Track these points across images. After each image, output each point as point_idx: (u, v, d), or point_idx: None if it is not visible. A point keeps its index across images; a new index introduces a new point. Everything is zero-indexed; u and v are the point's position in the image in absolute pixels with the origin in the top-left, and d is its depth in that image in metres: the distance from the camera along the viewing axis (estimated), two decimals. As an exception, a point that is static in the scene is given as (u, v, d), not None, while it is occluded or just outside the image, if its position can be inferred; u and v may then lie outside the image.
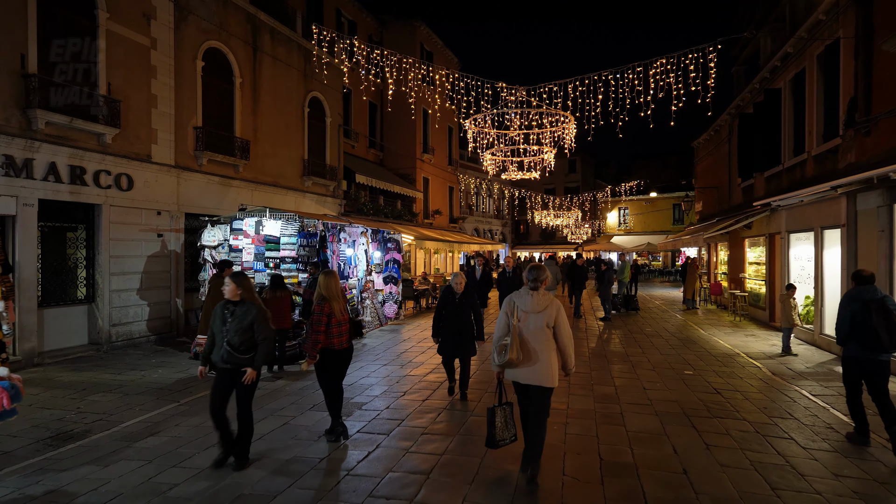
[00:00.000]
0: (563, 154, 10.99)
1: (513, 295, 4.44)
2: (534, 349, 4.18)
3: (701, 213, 22.52)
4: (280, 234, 10.03)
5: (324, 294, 5.25)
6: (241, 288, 4.68)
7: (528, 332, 4.22)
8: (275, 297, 8.55)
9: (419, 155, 25.76)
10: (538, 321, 4.23)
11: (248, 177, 14.08)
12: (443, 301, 6.69)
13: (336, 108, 18.28)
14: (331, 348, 5.20)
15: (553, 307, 4.27)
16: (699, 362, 9.06)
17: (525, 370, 4.20)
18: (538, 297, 4.28)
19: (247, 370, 4.59)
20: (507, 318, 4.30)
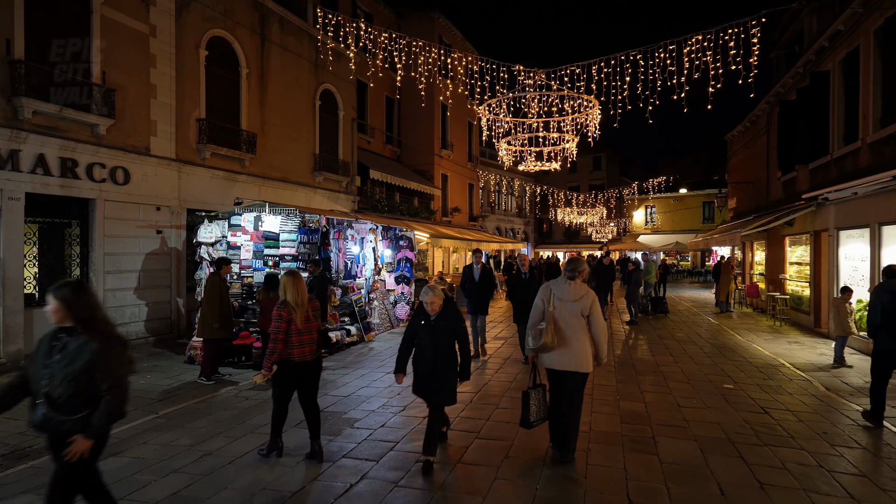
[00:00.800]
0: (586, 143, 10.07)
1: (550, 283, 4.66)
2: (568, 336, 4.39)
3: (735, 211, 21.24)
4: (279, 230, 9.38)
5: (285, 298, 4.56)
6: (73, 307, 2.85)
7: (562, 320, 4.43)
8: (268, 299, 7.88)
9: (437, 151, 25.00)
10: (573, 309, 4.43)
11: (255, 171, 13.51)
12: (412, 327, 4.60)
13: (349, 101, 17.64)
14: (289, 360, 4.53)
15: (588, 297, 4.48)
16: (739, 374, 8.08)
17: (560, 356, 4.41)
18: (575, 287, 4.50)
19: (75, 439, 2.78)
20: (544, 304, 4.53)
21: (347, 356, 9.61)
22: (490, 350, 9.74)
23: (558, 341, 4.38)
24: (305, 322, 4.60)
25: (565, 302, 4.46)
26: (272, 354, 4.45)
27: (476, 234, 24.82)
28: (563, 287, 4.52)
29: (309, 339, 4.62)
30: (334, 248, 10.52)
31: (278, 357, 4.49)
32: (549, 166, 10.85)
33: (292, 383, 4.65)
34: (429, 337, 4.46)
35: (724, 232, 17.89)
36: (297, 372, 4.58)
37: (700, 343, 10.77)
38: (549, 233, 50.70)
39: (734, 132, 20.53)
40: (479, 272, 9.17)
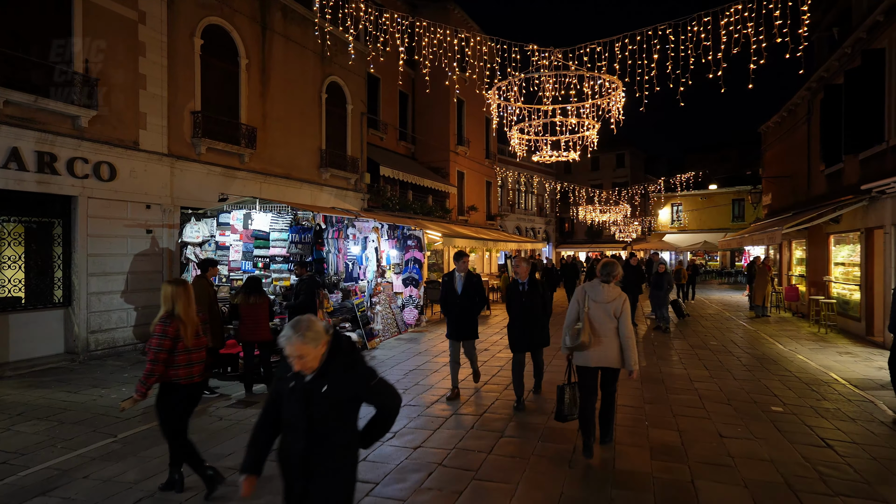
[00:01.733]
0: (609, 134, 9.07)
1: (585, 285, 4.84)
2: (602, 335, 4.61)
3: (770, 207, 19.86)
4: (269, 228, 8.61)
5: (172, 310, 3.92)
6: None
7: (596, 320, 4.63)
8: (248, 304, 7.13)
9: (453, 147, 24.11)
10: (606, 311, 4.63)
11: (255, 168, 12.82)
12: (275, 392, 2.59)
13: (358, 94, 16.88)
14: (174, 382, 3.92)
15: (620, 299, 4.66)
16: (787, 392, 7.00)
17: (595, 354, 4.63)
18: (608, 290, 4.70)
19: None
20: (579, 305, 4.71)
21: (346, 366, 8.79)
22: (488, 387, 8.69)
23: (594, 341, 4.61)
24: (195, 338, 4.02)
25: (599, 304, 4.67)
26: (149, 377, 3.86)
27: (493, 234, 23.87)
28: (598, 289, 4.74)
29: (198, 357, 4.06)
30: (332, 248, 9.73)
31: (157, 380, 3.90)
32: (566, 156, 9.79)
33: (183, 409, 4.03)
34: (300, 409, 2.41)
35: (759, 230, 16.61)
36: (184, 395, 3.98)
37: (737, 353, 9.67)
38: (571, 232, 49.41)
39: (769, 123, 19.18)
40: (463, 282, 6.67)
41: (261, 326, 7.30)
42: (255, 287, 7.23)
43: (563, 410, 4.86)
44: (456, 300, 6.67)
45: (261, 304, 7.09)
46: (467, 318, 6.69)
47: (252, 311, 7.03)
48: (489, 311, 15.59)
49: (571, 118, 8.06)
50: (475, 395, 6.97)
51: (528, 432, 5.50)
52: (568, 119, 8.11)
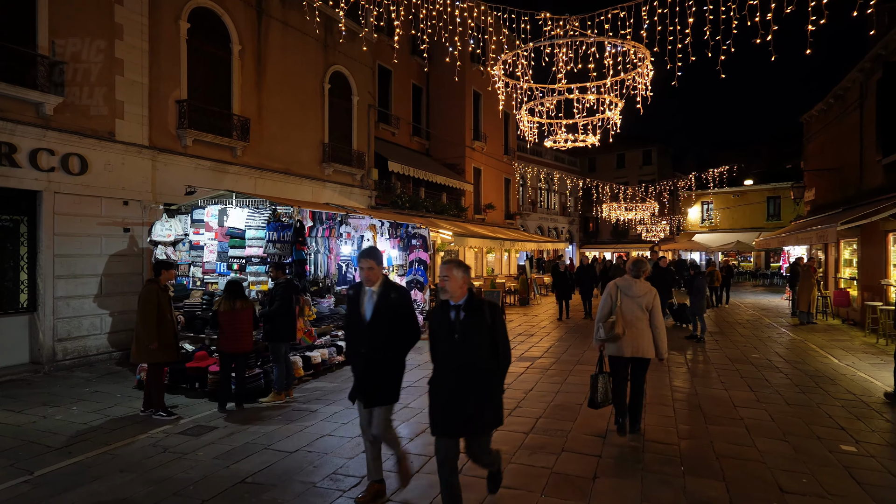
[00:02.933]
0: (634, 121, 7.91)
1: (617, 280, 5.21)
2: (634, 328, 4.97)
3: (813, 204, 18.22)
4: (245, 226, 7.65)
5: None
6: None
7: (628, 314, 4.99)
8: (232, 311, 6.20)
9: (469, 142, 22.99)
10: (637, 304, 5.00)
11: (250, 162, 11.94)
12: None
13: (365, 85, 15.92)
14: None
15: (651, 294, 5.06)
16: (856, 424, 5.71)
17: (628, 345, 4.98)
18: (639, 285, 5.08)
19: None
20: (612, 300, 5.07)
21: (335, 379, 7.81)
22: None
23: (626, 332, 4.91)
24: None
25: (631, 298, 4.99)
26: None
27: (512, 234, 22.68)
28: (629, 284, 5.05)
29: None
30: (322, 248, 8.74)
31: None
32: (584, 140, 8.54)
33: None
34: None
35: (802, 228, 15.07)
36: None
37: (785, 369, 8.34)
38: (596, 232, 47.79)
39: (812, 112, 17.56)
40: (374, 302, 3.83)
41: (243, 336, 6.38)
42: (236, 292, 6.29)
43: (595, 399, 5.08)
44: (363, 334, 3.87)
45: (244, 310, 6.17)
46: (378, 368, 3.85)
47: (235, 318, 6.10)
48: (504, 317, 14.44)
49: (589, 94, 6.89)
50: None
51: None
52: (586, 96, 6.94)
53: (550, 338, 11.33)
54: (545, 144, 8.82)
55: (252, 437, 5.36)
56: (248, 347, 6.50)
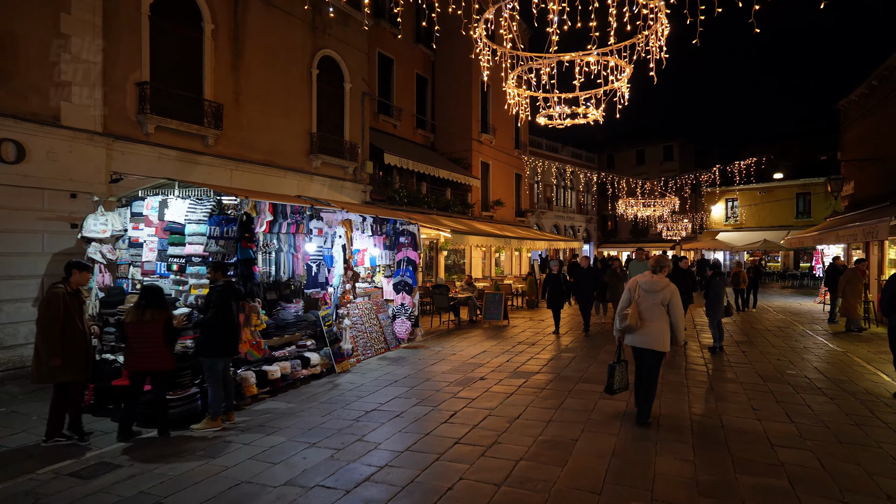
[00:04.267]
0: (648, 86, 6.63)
1: (637, 276, 5.48)
2: (648, 321, 5.23)
3: (852, 198, 16.58)
4: (185, 219, 6.57)
5: None
6: None
7: (645, 307, 5.26)
8: (138, 322, 5.16)
9: (476, 135, 21.77)
10: (654, 299, 5.25)
11: (224, 152, 10.93)
12: None
13: (359, 71, 14.82)
14: None
15: (668, 289, 5.27)
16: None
17: (640, 336, 5.28)
18: (657, 280, 5.32)
19: None
20: (630, 293, 5.37)
21: (294, 398, 6.71)
22: None
23: (640, 325, 5.24)
24: None
25: (649, 292, 5.30)
26: None
27: (522, 231, 21.41)
28: (648, 279, 5.36)
29: None
30: (287, 245, 7.64)
31: None
32: (585, 115, 7.16)
33: None
34: None
35: (843, 224, 13.51)
36: None
37: (828, 389, 6.97)
38: (614, 231, 46.21)
39: (851, 97, 15.95)
40: None
41: (154, 352, 5.31)
42: (153, 299, 5.23)
43: (612, 385, 5.59)
44: None
45: (154, 321, 5.09)
46: None
47: (141, 331, 5.06)
48: (507, 322, 13.20)
49: (591, 56, 5.60)
50: None
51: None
52: (586, 58, 5.65)
53: (554, 347, 10.07)
54: (538, 121, 7.56)
55: (153, 482, 4.26)
56: (164, 365, 5.40)
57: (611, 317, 11.75)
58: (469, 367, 8.39)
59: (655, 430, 5.33)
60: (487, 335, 11.58)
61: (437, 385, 7.25)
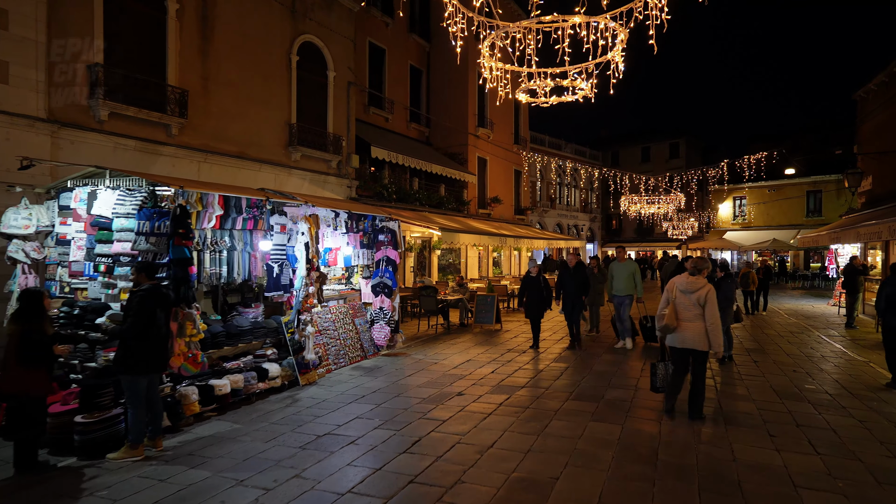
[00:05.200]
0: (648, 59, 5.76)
1: (675, 278, 5.60)
2: (687, 321, 5.36)
3: (870, 194, 15.59)
4: (113, 213, 5.74)
5: None
6: None
7: (683, 308, 5.40)
8: (10, 333, 4.33)
9: (473, 129, 20.89)
10: (692, 300, 5.35)
11: (191, 143, 10.12)
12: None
13: (344, 59, 13.97)
14: None
15: (705, 289, 5.34)
16: None
17: (681, 337, 5.41)
18: (693, 280, 5.41)
19: None
20: (668, 294, 5.53)
21: (243, 417, 5.89)
22: None
23: (680, 325, 5.37)
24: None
25: (686, 293, 5.39)
26: None
27: (520, 230, 20.52)
28: (685, 280, 5.44)
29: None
30: (240, 243, 6.81)
31: None
32: (573, 91, 6.18)
33: None
34: None
35: (863, 221, 12.54)
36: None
37: (855, 409, 6.06)
38: (619, 230, 45.27)
39: (870, 86, 14.96)
40: None
41: (5, 370, 4.43)
42: (28, 308, 4.39)
43: (656, 383, 5.87)
44: None
45: (11, 335, 4.26)
46: None
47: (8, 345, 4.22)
48: (499, 326, 12.33)
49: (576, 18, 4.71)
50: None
51: None
52: (571, 19, 4.76)
53: (548, 356, 9.20)
54: (518, 98, 6.66)
55: None
56: (37, 388, 4.53)
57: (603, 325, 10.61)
58: (449, 379, 7.54)
59: (653, 467, 4.45)
60: (477, 341, 10.72)
61: (407, 401, 6.40)
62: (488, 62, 5.84)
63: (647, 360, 8.76)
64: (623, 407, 6.11)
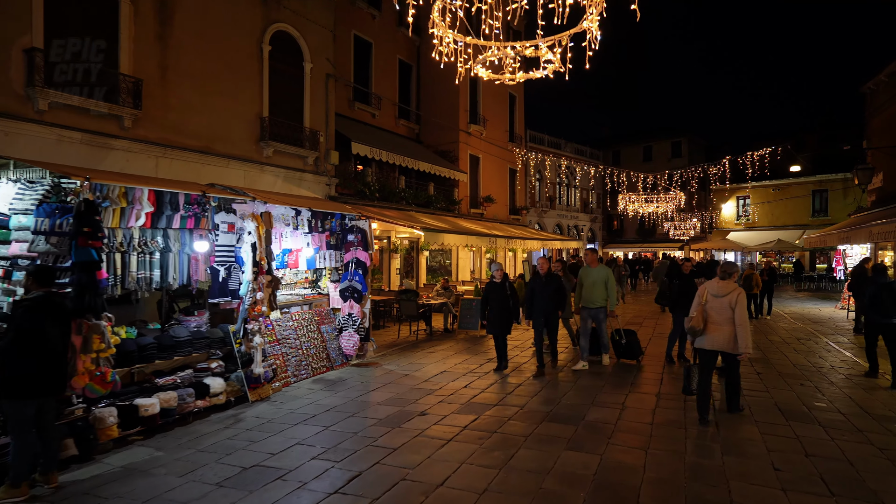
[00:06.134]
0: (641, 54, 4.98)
1: (707, 283, 5.79)
2: (718, 324, 5.47)
3: (881, 192, 14.75)
4: (10, 209, 4.99)
5: None
6: None
7: (713, 311, 5.52)
8: None
9: (464, 126, 20.13)
10: (722, 303, 5.47)
11: (148, 136, 9.38)
12: None
13: (322, 50, 13.23)
14: None
15: (735, 293, 5.48)
16: None
17: (710, 338, 5.52)
18: (725, 285, 5.54)
19: None
20: (699, 298, 5.65)
21: (171, 442, 5.13)
22: None
23: (710, 328, 5.51)
24: None
25: (717, 297, 5.51)
26: None
27: (514, 230, 19.71)
28: (716, 284, 5.58)
29: None
30: (176, 244, 6.07)
31: None
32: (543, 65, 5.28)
33: None
34: None
35: (877, 220, 11.71)
36: None
37: (874, 433, 5.25)
38: (620, 230, 44.44)
39: (880, 77, 14.14)
40: None
41: None
42: None
43: (689, 386, 6.20)
44: None
45: None
46: None
47: None
48: (484, 332, 11.55)
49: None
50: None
51: None
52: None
53: (530, 366, 8.41)
54: (479, 74, 5.87)
55: None
56: None
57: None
58: (415, 394, 6.77)
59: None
60: (458, 349, 9.96)
61: (360, 423, 5.63)
62: (441, 31, 5.06)
63: (635, 374, 7.97)
64: (605, 431, 5.32)
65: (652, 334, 11.54)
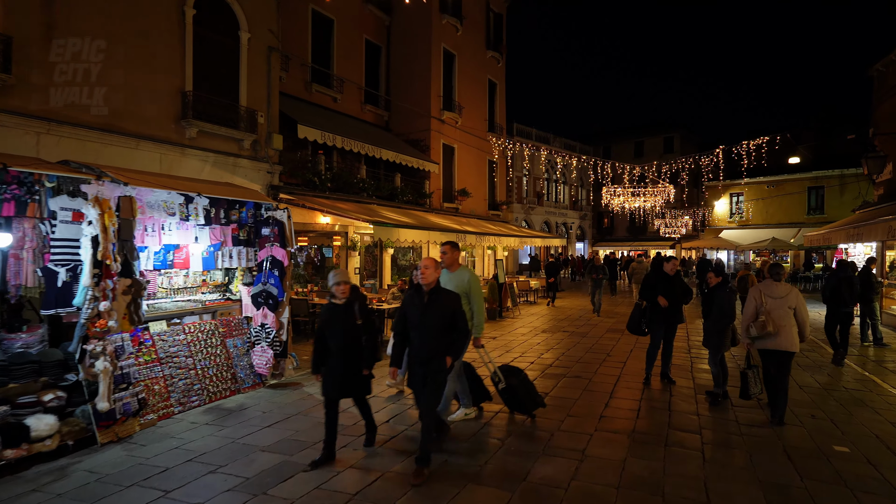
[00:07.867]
0: None
1: (759, 284, 5.80)
2: (780, 324, 5.48)
3: (888, 185, 13.32)
4: None
5: None
6: None
7: (776, 313, 5.50)
8: None
9: (437, 113, 18.57)
10: (782, 304, 5.50)
11: (26, 108, 7.74)
12: None
13: (263, 20, 11.60)
14: None
15: (793, 294, 5.58)
16: None
17: (775, 340, 5.51)
18: (781, 287, 5.61)
19: None
20: (756, 302, 5.61)
21: None
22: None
23: (776, 329, 5.48)
24: None
25: (775, 299, 5.54)
26: None
27: (491, 227, 18.16)
28: (772, 287, 5.61)
29: None
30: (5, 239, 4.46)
31: None
32: None
33: None
34: None
35: (887, 215, 10.24)
36: None
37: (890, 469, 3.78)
38: (611, 228, 43.12)
39: (890, 57, 12.70)
40: None
41: None
42: None
43: (748, 390, 5.82)
44: None
45: None
46: None
47: None
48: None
49: None
50: None
51: None
52: None
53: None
54: None
55: None
56: None
57: None
58: (319, 433, 5.20)
59: None
60: (403, 364, 8.39)
61: (222, 482, 4.09)
62: None
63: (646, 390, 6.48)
64: (555, 497, 3.80)
65: (634, 346, 10.04)
